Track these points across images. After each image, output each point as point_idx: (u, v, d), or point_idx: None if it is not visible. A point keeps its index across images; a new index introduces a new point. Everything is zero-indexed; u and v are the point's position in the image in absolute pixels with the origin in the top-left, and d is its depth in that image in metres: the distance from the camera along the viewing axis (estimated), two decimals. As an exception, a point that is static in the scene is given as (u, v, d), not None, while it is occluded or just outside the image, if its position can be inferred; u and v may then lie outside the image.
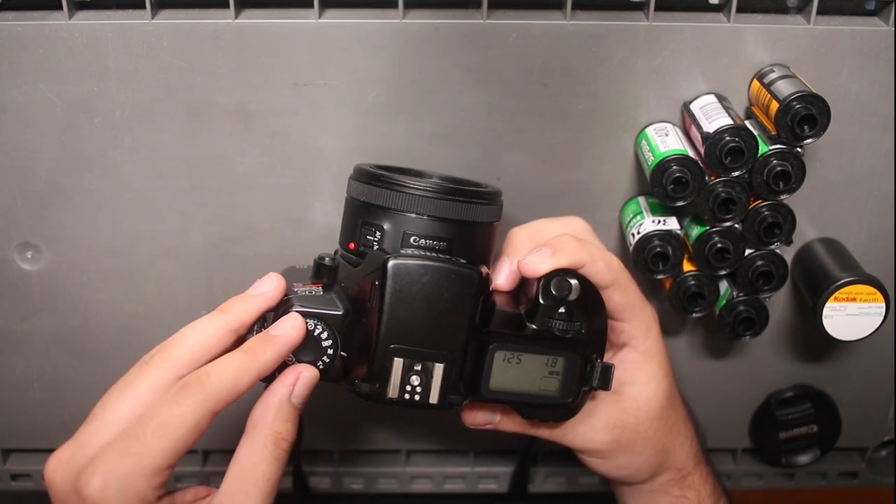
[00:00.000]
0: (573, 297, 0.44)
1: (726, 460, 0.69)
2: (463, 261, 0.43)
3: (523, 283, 0.49)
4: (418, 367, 0.43)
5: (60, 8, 0.51)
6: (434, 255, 0.43)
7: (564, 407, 0.46)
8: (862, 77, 0.54)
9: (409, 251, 0.43)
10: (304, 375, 0.43)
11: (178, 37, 0.52)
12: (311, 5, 0.52)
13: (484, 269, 0.43)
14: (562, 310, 0.44)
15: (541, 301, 0.44)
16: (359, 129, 0.55)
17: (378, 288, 0.42)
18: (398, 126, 0.55)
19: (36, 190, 0.56)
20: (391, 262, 0.41)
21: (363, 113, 0.55)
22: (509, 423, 0.50)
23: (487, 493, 0.70)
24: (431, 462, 0.69)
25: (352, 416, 0.66)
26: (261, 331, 0.43)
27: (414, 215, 0.44)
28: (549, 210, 0.57)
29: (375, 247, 0.44)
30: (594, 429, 0.50)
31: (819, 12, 0.52)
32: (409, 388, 0.43)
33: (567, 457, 0.53)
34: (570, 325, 0.44)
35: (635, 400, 0.51)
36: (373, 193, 0.44)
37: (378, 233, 0.44)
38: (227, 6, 0.52)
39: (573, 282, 0.45)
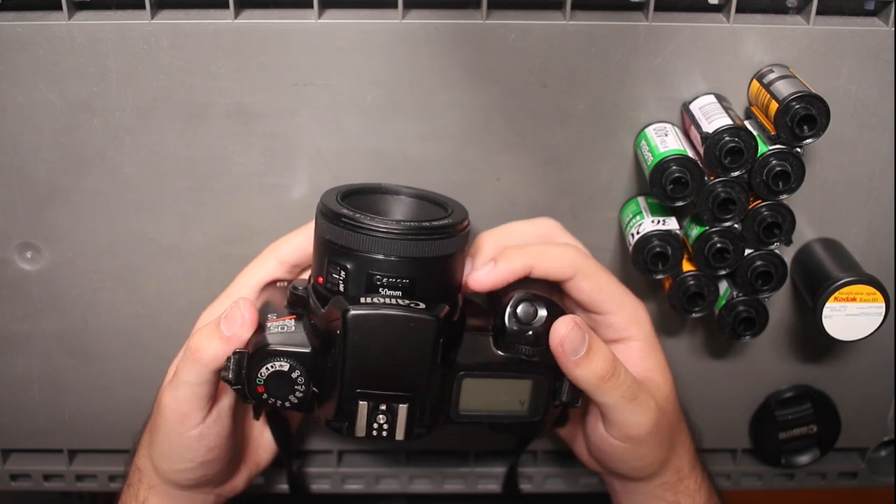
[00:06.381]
0: (539, 324, 0.46)
1: (726, 460, 0.69)
2: (422, 305, 0.43)
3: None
4: (383, 408, 0.44)
5: (60, 8, 0.51)
6: (394, 301, 0.43)
7: (533, 424, 0.48)
8: (862, 77, 0.54)
9: (369, 298, 0.43)
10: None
11: (177, 37, 0.52)
12: (311, 5, 0.52)
13: (444, 311, 0.44)
14: (528, 334, 0.46)
15: (507, 326, 0.46)
16: (358, 130, 0.55)
17: (340, 337, 0.43)
18: (397, 126, 0.55)
19: (36, 190, 0.57)
20: (350, 314, 0.42)
21: (363, 113, 0.55)
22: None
23: (487, 493, 0.70)
24: (431, 462, 0.69)
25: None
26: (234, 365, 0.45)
27: (377, 256, 0.44)
28: (548, 210, 0.57)
29: (340, 286, 0.45)
30: (649, 409, 0.49)
31: (819, 12, 0.52)
32: (376, 425, 0.44)
33: (567, 457, 0.53)
34: (536, 349, 0.46)
35: (661, 386, 0.51)
36: (335, 233, 0.45)
37: (343, 272, 0.45)
38: (226, 6, 0.52)
39: (540, 310, 0.46)
